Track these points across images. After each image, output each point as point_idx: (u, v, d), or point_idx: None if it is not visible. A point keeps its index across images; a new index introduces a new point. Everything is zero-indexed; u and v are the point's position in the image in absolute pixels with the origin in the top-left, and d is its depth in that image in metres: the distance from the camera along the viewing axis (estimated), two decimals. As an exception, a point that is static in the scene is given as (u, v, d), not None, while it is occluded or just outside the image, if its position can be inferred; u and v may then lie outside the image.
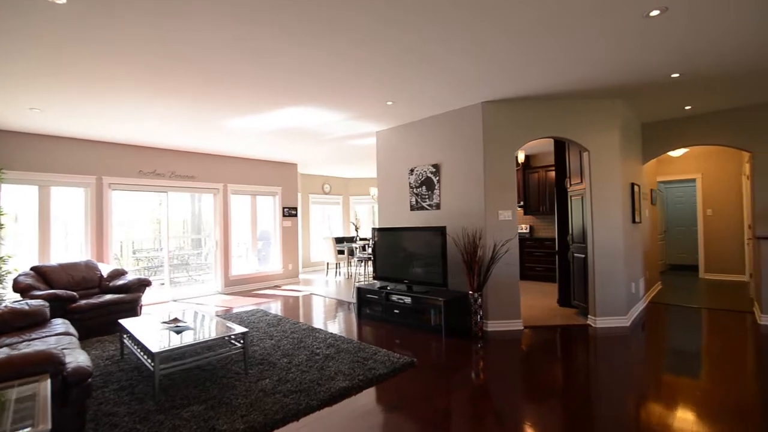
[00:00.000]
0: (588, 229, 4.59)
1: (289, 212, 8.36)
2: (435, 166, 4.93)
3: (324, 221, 11.00)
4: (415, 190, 5.17)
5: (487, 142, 4.45)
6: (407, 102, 4.44)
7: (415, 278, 4.69)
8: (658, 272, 7.28)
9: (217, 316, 5.20)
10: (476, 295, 4.14)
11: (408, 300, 4.59)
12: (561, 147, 5.51)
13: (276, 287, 7.81)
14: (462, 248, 4.34)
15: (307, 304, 6.20)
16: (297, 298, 6.71)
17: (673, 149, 5.76)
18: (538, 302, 5.72)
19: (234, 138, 5.93)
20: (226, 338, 3.11)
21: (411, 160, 5.26)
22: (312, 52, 3.11)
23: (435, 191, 4.92)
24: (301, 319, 5.09)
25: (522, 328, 4.43)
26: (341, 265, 9.51)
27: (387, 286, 5.02)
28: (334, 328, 4.66)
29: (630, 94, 4.39)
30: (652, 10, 2.58)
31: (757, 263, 4.85)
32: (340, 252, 8.85)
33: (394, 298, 4.74)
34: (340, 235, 10.96)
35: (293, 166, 8.51)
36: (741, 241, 7.52)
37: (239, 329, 3.15)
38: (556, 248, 5.58)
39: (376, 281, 5.33)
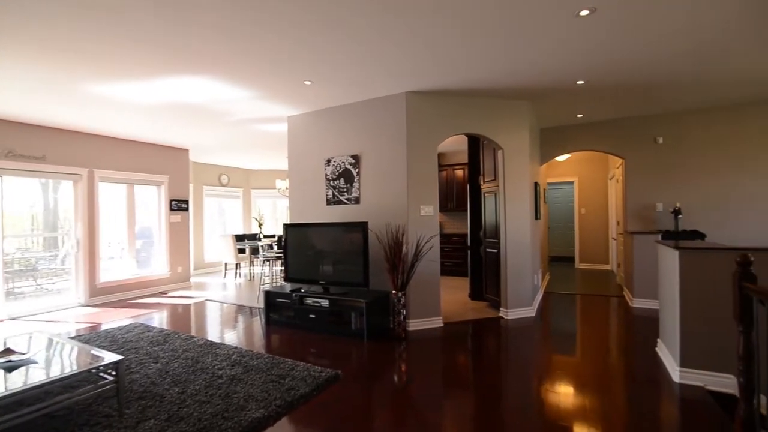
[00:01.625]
0: (501, 225, 4.74)
1: (179, 206, 7.18)
2: (355, 157, 4.59)
3: (221, 217, 9.82)
4: (332, 182, 4.76)
5: (410, 134, 4.27)
6: (327, 84, 4.01)
7: (333, 279, 4.29)
8: (547, 264, 8.10)
9: (77, 337, 4.09)
10: (399, 294, 3.94)
11: (325, 303, 4.17)
12: (475, 145, 5.65)
13: (161, 294, 6.63)
14: (385, 245, 4.09)
15: (203, 312, 5.33)
16: (189, 306, 5.74)
17: (565, 153, 6.38)
18: (451, 297, 5.81)
19: (102, 110, 4.75)
20: (92, 371, 2.32)
21: (328, 149, 4.83)
22: (215, 3, 2.49)
23: (354, 184, 4.58)
24: (196, 333, 4.29)
25: (442, 324, 4.37)
26: (242, 265, 8.57)
27: (300, 288, 4.52)
28: (239, 340, 4.01)
29: (538, 98, 4.64)
30: (582, 10, 2.63)
31: (628, 255, 5.62)
32: (241, 251, 7.95)
33: (309, 301, 4.28)
34: (241, 232, 9.92)
35: (184, 152, 7.33)
36: (607, 236, 8.81)
37: (110, 357, 2.38)
38: (469, 244, 5.73)
39: (287, 283, 4.78)
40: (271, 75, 3.72)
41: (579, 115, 5.57)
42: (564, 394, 2.73)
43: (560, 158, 8.31)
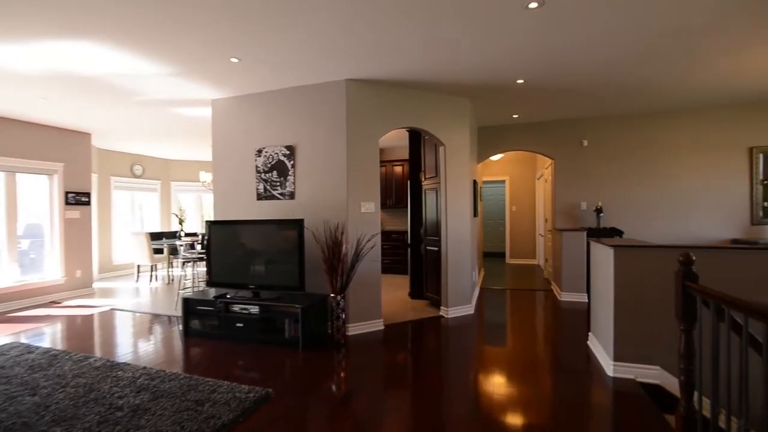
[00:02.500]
0: (442, 223, 4.66)
1: (77, 199, 6.13)
2: (289, 148, 4.18)
3: (136, 212, 8.68)
4: (263, 175, 4.31)
5: (351, 125, 3.98)
6: (258, 64, 3.57)
7: (265, 282, 3.87)
8: (482, 260, 8.33)
9: (-75, 364, 3.21)
10: (339, 297, 3.65)
11: (255, 309, 3.74)
12: (416, 141, 5.53)
13: (54, 304, 5.60)
14: (323, 245, 3.77)
15: (108, 324, 4.55)
16: (90, 317, 4.89)
17: (500, 152, 6.54)
18: (391, 296, 5.65)
19: (-34, 80, 3.80)
20: None
21: (259, 138, 4.36)
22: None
23: (289, 178, 4.18)
24: (97, 351, 3.60)
25: (383, 327, 4.17)
26: (158, 267, 7.63)
27: (226, 293, 4.02)
28: (149, 358, 3.42)
29: (479, 95, 4.62)
30: (531, 2, 2.55)
31: (557, 251, 5.90)
32: (158, 251, 7.06)
33: (237, 308, 3.81)
34: (158, 229, 8.86)
35: (85, 136, 6.27)
36: (534, 232, 9.32)
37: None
38: (409, 242, 5.60)
39: (210, 288, 4.24)
40: (191, 47, 3.19)
41: (515, 116, 5.71)
42: (506, 392, 2.66)
43: (494, 158, 8.58)
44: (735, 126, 5.41)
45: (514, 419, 2.37)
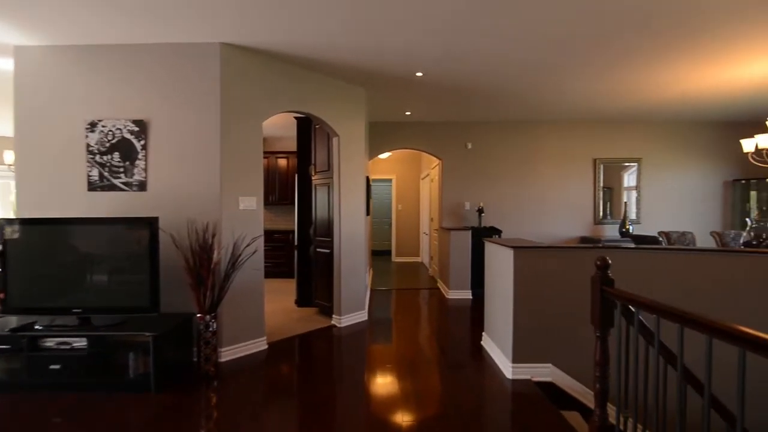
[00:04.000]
0: (335, 221, 4.21)
1: None
2: (139, 123, 3.18)
3: None
4: (99, 157, 3.20)
5: (227, 102, 3.21)
6: (88, 1, 2.55)
7: (100, 304, 2.84)
8: (371, 259, 8.16)
9: None
10: (209, 317, 2.88)
11: (81, 343, 2.70)
12: (306, 131, 4.94)
13: None
14: (186, 251, 2.94)
15: None
16: None
17: (391, 150, 6.40)
18: (276, 305, 4.96)
19: None
20: None
21: (93, 107, 3.22)
22: None
23: (138, 162, 3.18)
24: None
25: (266, 346, 3.51)
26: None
27: (34, 323, 2.84)
28: None
29: (375, 86, 4.31)
30: (447, -24, 2.28)
31: (444, 250, 6.02)
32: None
33: (51, 343, 2.71)
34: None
35: None
36: (419, 231, 9.58)
37: None
38: (296, 243, 5.00)
39: (9, 316, 2.96)
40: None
41: (408, 113, 5.59)
42: (409, 409, 2.36)
43: (383, 156, 8.51)
44: (584, 139, 6.28)
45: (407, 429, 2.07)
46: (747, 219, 4.20)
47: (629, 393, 1.71)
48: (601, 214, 6.32)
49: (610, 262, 1.82)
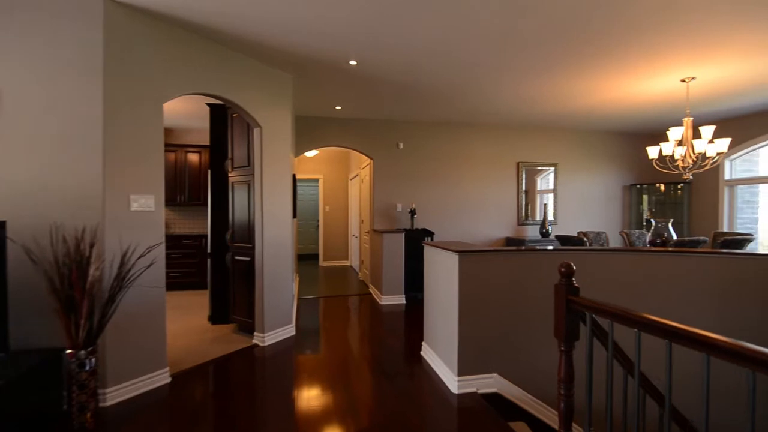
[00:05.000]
0: (257, 225, 3.67)
1: None
2: (-21, 95, 2.35)
3: None
4: None
5: (114, 75, 2.53)
6: None
7: None
8: (297, 265, 7.59)
9: None
10: (84, 353, 2.19)
11: None
12: (221, 121, 4.28)
13: None
14: (50, 266, 2.21)
15: None
16: None
17: (319, 147, 5.94)
18: (183, 323, 4.22)
19: None
20: None
21: None
22: None
23: (-22, 149, 2.35)
24: None
25: (169, 380, 2.87)
26: None
27: None
28: None
29: (304, 74, 3.86)
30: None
31: (376, 253, 5.74)
32: None
33: None
34: None
35: None
36: (347, 233, 9.22)
37: None
38: (209, 249, 4.31)
39: None
40: None
41: (338, 107, 5.21)
42: (346, 429, 2.01)
43: (309, 153, 8.01)
44: (508, 144, 6.48)
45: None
46: (651, 220, 4.59)
47: (598, 411, 1.56)
48: (524, 215, 6.59)
49: (575, 268, 1.66)
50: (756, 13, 2.68)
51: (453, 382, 2.72)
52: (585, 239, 4.62)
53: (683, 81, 4.09)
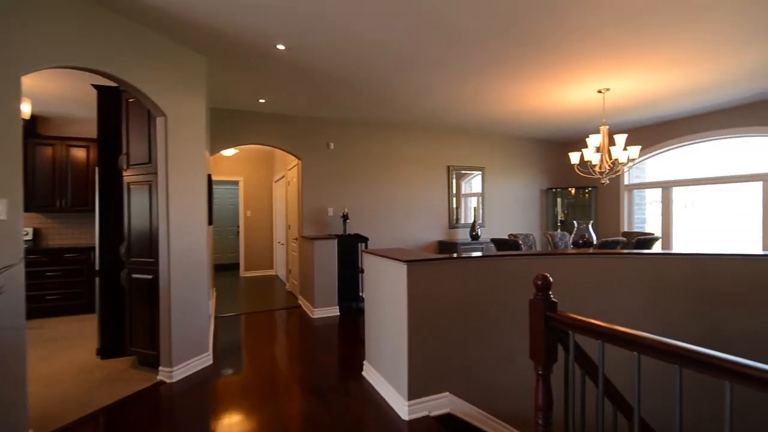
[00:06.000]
0: (162, 235, 3.01)
1: None
2: None
3: None
4: None
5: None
6: None
7: None
8: (213, 278, 6.74)
9: None
10: None
11: None
12: (113, 107, 3.50)
13: None
14: None
15: None
16: None
17: (239, 145, 5.28)
18: (63, 361, 3.34)
19: None
20: None
21: None
22: None
23: None
24: None
25: (32, 445, 2.14)
26: None
27: None
28: None
29: (221, 55, 3.31)
30: None
31: (306, 262, 5.27)
32: None
33: None
34: None
35: None
36: (272, 240, 8.51)
37: None
38: (98, 266, 3.49)
39: None
40: None
41: (262, 100, 4.66)
42: None
43: (227, 152, 7.20)
44: (439, 147, 6.47)
45: None
46: (573, 222, 4.84)
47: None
48: (455, 219, 6.62)
49: (551, 280, 1.47)
50: (661, 33, 2.85)
51: (403, 407, 2.43)
52: (519, 242, 4.70)
53: (599, 92, 4.37)
